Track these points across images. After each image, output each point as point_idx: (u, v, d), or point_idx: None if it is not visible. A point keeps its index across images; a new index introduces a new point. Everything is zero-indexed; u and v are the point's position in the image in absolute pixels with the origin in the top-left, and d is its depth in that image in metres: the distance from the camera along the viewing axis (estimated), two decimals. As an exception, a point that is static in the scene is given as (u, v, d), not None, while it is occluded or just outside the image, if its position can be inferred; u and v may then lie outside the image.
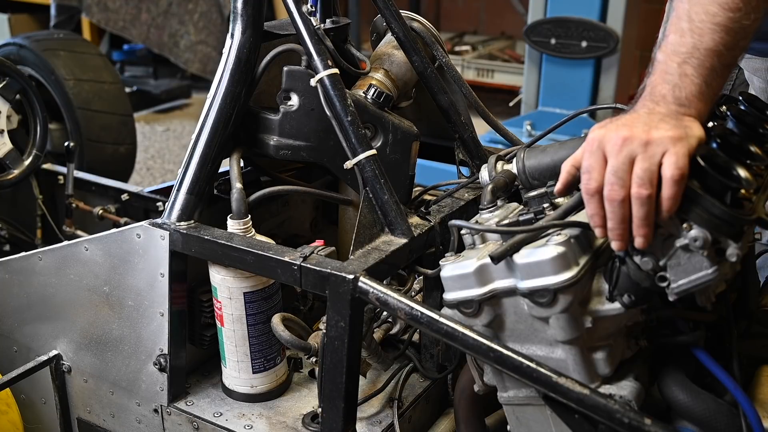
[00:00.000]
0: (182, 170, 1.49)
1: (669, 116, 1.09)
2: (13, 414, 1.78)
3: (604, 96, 3.99)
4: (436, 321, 1.17)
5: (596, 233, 1.10)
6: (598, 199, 1.07)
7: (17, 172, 2.43)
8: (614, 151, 1.05)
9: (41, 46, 3.08)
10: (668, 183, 1.02)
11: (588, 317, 1.11)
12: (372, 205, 1.41)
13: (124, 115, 3.24)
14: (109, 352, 1.61)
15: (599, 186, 1.06)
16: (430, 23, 1.74)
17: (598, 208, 1.07)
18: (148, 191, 2.51)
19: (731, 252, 1.02)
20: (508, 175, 1.44)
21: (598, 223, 1.08)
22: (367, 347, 1.45)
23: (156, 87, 5.92)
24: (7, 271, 1.72)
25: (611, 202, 1.05)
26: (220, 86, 1.48)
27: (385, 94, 1.58)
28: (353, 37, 4.28)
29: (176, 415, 1.55)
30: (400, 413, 1.51)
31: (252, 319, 1.48)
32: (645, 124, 1.07)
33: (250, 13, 1.47)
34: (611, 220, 1.06)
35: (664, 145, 1.04)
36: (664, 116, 1.09)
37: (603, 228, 1.08)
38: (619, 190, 1.04)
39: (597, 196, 1.07)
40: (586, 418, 1.10)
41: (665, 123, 1.07)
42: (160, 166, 4.88)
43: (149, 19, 5.68)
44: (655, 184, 1.03)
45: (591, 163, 1.07)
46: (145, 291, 1.51)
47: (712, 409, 1.11)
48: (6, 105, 2.41)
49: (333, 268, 1.28)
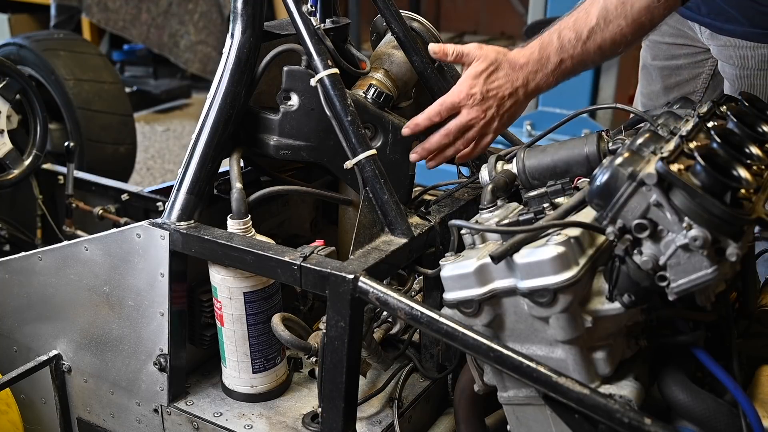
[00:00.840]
0: (182, 170, 1.49)
1: (517, 104, 1.49)
2: (13, 414, 1.78)
3: (604, 96, 3.99)
4: (436, 321, 1.17)
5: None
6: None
7: (17, 172, 2.43)
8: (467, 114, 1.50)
9: (41, 46, 3.08)
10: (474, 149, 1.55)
11: (588, 317, 1.11)
12: (372, 205, 1.41)
13: (124, 115, 3.24)
14: (109, 352, 1.61)
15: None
16: (430, 23, 1.74)
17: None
18: (148, 191, 2.51)
19: (731, 252, 1.02)
20: (508, 175, 1.44)
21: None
22: (367, 347, 1.45)
23: (156, 87, 5.92)
24: (7, 271, 1.72)
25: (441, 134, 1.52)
26: (220, 86, 1.48)
27: (385, 94, 1.58)
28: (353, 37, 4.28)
29: (176, 415, 1.55)
30: (400, 413, 1.51)
31: (252, 319, 1.48)
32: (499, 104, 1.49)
33: (250, 13, 1.47)
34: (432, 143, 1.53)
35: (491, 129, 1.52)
36: (515, 103, 1.49)
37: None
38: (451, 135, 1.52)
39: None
40: (586, 417, 1.10)
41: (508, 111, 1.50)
42: (160, 166, 4.89)
43: (149, 19, 5.68)
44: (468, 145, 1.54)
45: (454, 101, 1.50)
46: (145, 291, 1.51)
47: (712, 409, 1.11)
48: (6, 105, 2.41)
49: (333, 267, 1.28)
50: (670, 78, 2.12)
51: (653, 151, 1.12)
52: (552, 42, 1.47)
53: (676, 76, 2.10)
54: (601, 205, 1.08)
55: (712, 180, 1.02)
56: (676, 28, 2.05)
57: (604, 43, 1.44)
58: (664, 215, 1.04)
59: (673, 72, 2.10)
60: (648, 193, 1.04)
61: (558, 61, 1.46)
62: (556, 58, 1.46)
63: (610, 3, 1.43)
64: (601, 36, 1.43)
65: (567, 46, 1.45)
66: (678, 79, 2.10)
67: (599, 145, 1.40)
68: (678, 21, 2.05)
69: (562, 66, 1.46)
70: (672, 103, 1.48)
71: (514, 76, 1.47)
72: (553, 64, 1.46)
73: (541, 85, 1.48)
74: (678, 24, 2.04)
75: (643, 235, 1.05)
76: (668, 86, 2.13)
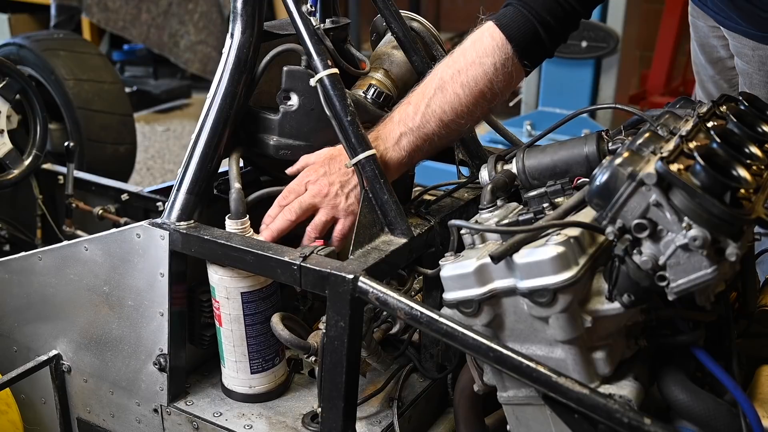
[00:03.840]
0: (182, 170, 1.49)
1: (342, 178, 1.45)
2: (13, 414, 1.78)
3: (604, 96, 3.99)
4: (436, 321, 1.17)
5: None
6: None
7: (17, 172, 2.43)
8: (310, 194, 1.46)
9: (41, 46, 3.08)
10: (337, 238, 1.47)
11: (588, 317, 1.11)
12: (372, 204, 1.41)
13: (124, 115, 3.24)
14: (109, 351, 1.61)
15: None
16: (430, 23, 1.74)
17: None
18: (148, 191, 2.51)
19: (731, 251, 1.02)
20: (507, 175, 1.44)
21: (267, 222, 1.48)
22: (367, 347, 1.45)
23: (156, 87, 5.92)
24: (7, 271, 1.72)
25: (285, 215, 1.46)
26: (220, 86, 1.48)
27: (384, 94, 1.58)
28: (353, 37, 4.28)
29: (176, 415, 1.55)
30: (400, 413, 1.51)
31: (250, 319, 1.48)
32: (341, 187, 1.45)
33: (250, 13, 1.47)
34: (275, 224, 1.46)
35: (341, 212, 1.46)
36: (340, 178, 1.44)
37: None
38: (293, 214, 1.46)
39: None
40: (586, 417, 1.10)
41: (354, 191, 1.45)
42: (160, 166, 4.89)
43: (149, 19, 5.68)
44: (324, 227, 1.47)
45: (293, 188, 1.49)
46: (144, 291, 1.51)
47: (711, 409, 1.11)
48: (6, 105, 2.41)
49: (333, 267, 1.28)
50: (711, 54, 2.12)
51: (653, 151, 1.12)
52: (393, 117, 1.46)
53: (716, 53, 2.10)
54: (600, 205, 1.08)
55: (712, 180, 1.02)
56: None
57: (443, 115, 1.42)
58: (664, 215, 1.04)
59: (712, 49, 2.10)
60: (648, 193, 1.04)
61: (399, 135, 1.44)
62: (396, 131, 1.44)
63: (445, 73, 1.43)
64: (440, 106, 1.42)
65: (406, 119, 1.43)
66: (718, 55, 2.10)
67: (599, 145, 1.40)
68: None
69: (402, 140, 1.44)
70: (672, 103, 1.48)
71: None
72: (394, 139, 1.44)
73: (388, 160, 1.43)
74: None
75: (643, 235, 1.05)
76: (712, 61, 2.13)
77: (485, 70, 1.41)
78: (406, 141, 1.45)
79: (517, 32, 1.40)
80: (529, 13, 1.40)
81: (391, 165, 1.45)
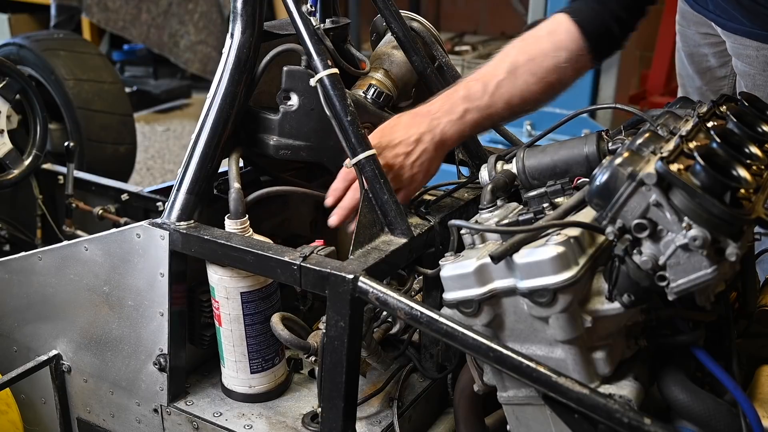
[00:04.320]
0: (182, 170, 1.49)
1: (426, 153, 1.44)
2: (13, 414, 1.78)
3: (604, 96, 3.99)
4: (436, 321, 1.17)
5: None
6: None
7: (17, 172, 2.43)
8: None
9: (41, 46, 3.09)
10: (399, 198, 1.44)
11: (588, 317, 1.11)
12: (372, 204, 1.41)
13: (124, 115, 3.24)
14: (109, 351, 1.61)
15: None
16: (430, 23, 1.74)
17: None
18: (148, 191, 2.51)
19: (730, 251, 1.02)
20: (507, 175, 1.44)
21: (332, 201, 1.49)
22: (367, 347, 1.45)
23: (156, 87, 5.92)
24: (7, 271, 1.72)
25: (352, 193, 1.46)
26: (220, 86, 1.48)
27: (384, 94, 1.58)
28: (353, 37, 4.28)
29: (176, 415, 1.55)
30: (400, 413, 1.51)
31: (249, 319, 1.48)
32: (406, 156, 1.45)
33: (250, 13, 1.47)
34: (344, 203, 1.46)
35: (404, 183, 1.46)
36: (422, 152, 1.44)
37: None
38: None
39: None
40: (586, 417, 1.10)
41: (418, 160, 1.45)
42: (160, 166, 4.89)
43: (149, 19, 5.68)
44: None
45: None
46: (144, 291, 1.51)
47: (711, 409, 1.11)
48: (6, 105, 2.41)
49: (333, 267, 1.28)
50: (701, 64, 2.12)
51: (653, 151, 1.12)
52: (458, 91, 1.46)
53: (705, 62, 2.11)
54: (600, 204, 1.08)
55: (712, 180, 1.02)
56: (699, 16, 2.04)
57: (512, 99, 1.44)
58: (664, 215, 1.04)
59: (702, 59, 2.11)
60: (648, 193, 1.04)
61: (463, 111, 1.44)
62: (461, 107, 1.44)
63: (518, 59, 1.44)
64: (509, 90, 1.43)
65: (473, 97, 1.44)
66: (708, 65, 2.10)
67: (599, 145, 1.40)
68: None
69: (467, 116, 1.44)
70: (672, 103, 1.48)
71: (417, 122, 1.45)
72: (458, 113, 1.44)
73: (447, 132, 1.44)
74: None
75: (643, 235, 1.05)
76: (700, 71, 2.13)
77: (557, 63, 1.43)
78: (471, 117, 1.45)
79: (591, 29, 1.44)
80: (603, 10, 1.44)
81: (450, 137, 1.46)
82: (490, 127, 1.52)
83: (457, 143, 1.50)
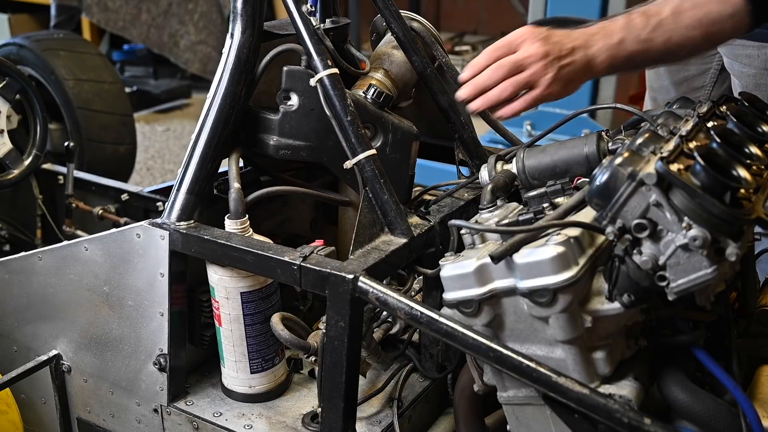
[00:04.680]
0: (182, 170, 1.49)
1: (573, 66, 1.40)
2: (13, 414, 1.78)
3: (604, 96, 3.99)
4: (436, 321, 1.17)
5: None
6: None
7: (17, 172, 2.43)
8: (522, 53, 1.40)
9: (41, 46, 3.08)
10: (520, 100, 1.40)
11: (588, 317, 1.11)
12: (372, 204, 1.41)
13: (124, 115, 3.24)
14: (109, 351, 1.61)
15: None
16: (430, 23, 1.74)
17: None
18: (148, 191, 2.51)
19: (730, 251, 1.02)
20: (507, 175, 1.44)
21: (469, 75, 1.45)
22: (367, 347, 1.45)
23: (156, 87, 5.92)
24: (7, 271, 1.72)
25: (491, 71, 1.41)
26: (220, 86, 1.48)
27: (384, 94, 1.58)
28: (353, 37, 4.28)
29: (176, 415, 1.55)
30: (400, 413, 1.51)
31: (249, 319, 1.48)
32: (557, 58, 1.39)
33: (250, 13, 1.47)
34: (479, 80, 1.42)
35: (544, 81, 1.39)
36: (570, 64, 1.40)
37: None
38: (501, 72, 1.40)
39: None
40: (586, 417, 1.10)
41: (564, 69, 1.40)
42: (160, 166, 4.89)
43: (149, 19, 5.68)
44: (515, 93, 1.40)
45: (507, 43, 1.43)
46: (144, 291, 1.51)
47: (711, 409, 1.11)
48: (6, 105, 2.41)
49: (333, 267, 1.28)
50: (678, 73, 2.12)
51: (653, 151, 1.12)
52: (617, 21, 1.42)
53: (684, 72, 2.10)
54: (600, 204, 1.08)
55: (712, 180, 1.02)
56: None
57: (671, 39, 1.40)
58: (664, 215, 1.04)
59: (681, 68, 2.10)
60: (648, 193, 1.04)
61: (620, 39, 1.40)
62: (619, 34, 1.40)
63: (683, 4, 1.41)
64: (670, 31, 1.40)
65: (633, 28, 1.40)
66: (686, 74, 2.10)
67: (599, 145, 1.40)
68: None
69: (623, 45, 1.40)
70: (672, 103, 1.49)
71: (575, 36, 1.42)
72: (615, 39, 1.40)
73: (600, 56, 1.41)
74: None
75: (643, 235, 1.05)
76: (677, 81, 2.13)
77: (720, 14, 1.40)
78: (627, 47, 1.41)
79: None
80: None
81: (602, 62, 1.42)
82: (641, 64, 1.47)
83: (605, 72, 1.46)
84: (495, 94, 1.42)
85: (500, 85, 1.41)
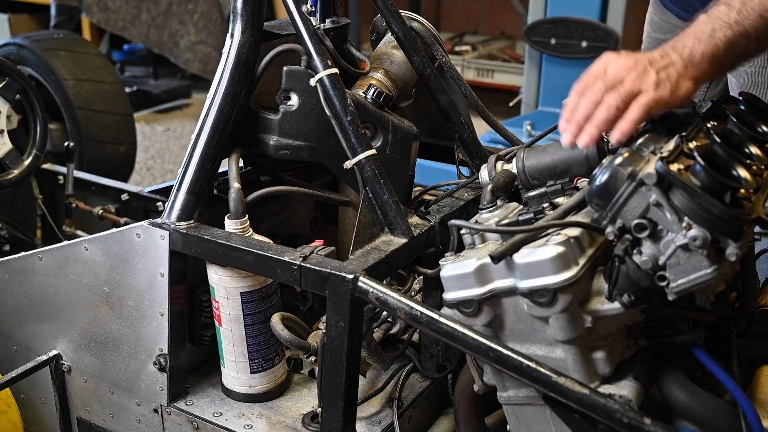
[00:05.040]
0: (182, 170, 1.49)
1: (672, 66, 1.26)
2: (13, 414, 1.78)
3: (604, 96, 3.98)
4: (436, 321, 1.17)
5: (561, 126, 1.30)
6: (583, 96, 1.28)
7: (17, 172, 2.43)
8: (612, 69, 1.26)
9: (41, 46, 3.09)
10: (632, 109, 1.22)
11: (588, 317, 1.11)
12: (372, 204, 1.41)
13: (124, 115, 3.24)
14: (109, 351, 1.61)
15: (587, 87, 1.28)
16: (430, 23, 1.74)
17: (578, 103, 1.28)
18: (148, 191, 2.52)
19: (730, 251, 1.02)
20: (507, 175, 1.44)
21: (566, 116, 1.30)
22: (367, 347, 1.45)
23: (156, 87, 5.92)
24: (7, 271, 1.72)
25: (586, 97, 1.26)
26: (220, 86, 1.48)
27: (384, 94, 1.58)
28: (353, 37, 4.28)
29: (176, 415, 1.55)
30: (400, 413, 1.51)
31: (249, 319, 1.48)
32: (650, 63, 1.25)
33: (250, 13, 1.47)
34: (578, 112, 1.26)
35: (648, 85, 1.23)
36: (669, 65, 1.26)
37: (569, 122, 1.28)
38: (597, 92, 1.25)
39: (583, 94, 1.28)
40: (586, 417, 1.10)
41: (664, 71, 1.25)
42: (160, 166, 4.89)
43: (149, 19, 5.68)
44: (623, 107, 1.23)
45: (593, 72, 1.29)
46: (144, 291, 1.51)
47: (711, 409, 1.11)
48: (6, 105, 2.41)
49: (333, 267, 1.28)
50: None
51: (653, 151, 1.12)
52: (699, 18, 1.32)
53: None
54: (600, 204, 1.08)
55: (712, 180, 1.02)
56: (671, 24, 2.04)
57: (764, 12, 1.29)
58: (664, 215, 1.04)
59: None
60: (648, 193, 1.04)
61: (711, 30, 1.28)
62: (707, 28, 1.29)
63: None
64: (761, 4, 1.29)
65: (717, 17, 1.30)
66: None
67: (599, 145, 1.40)
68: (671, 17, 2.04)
69: (716, 34, 1.28)
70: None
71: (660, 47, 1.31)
72: (705, 33, 1.28)
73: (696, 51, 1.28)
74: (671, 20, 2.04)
75: (643, 235, 1.05)
76: None
77: None
78: (721, 35, 1.28)
79: None
80: None
81: (702, 53, 1.28)
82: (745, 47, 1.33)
83: (712, 67, 1.30)
84: (602, 115, 1.24)
85: (602, 104, 1.25)
